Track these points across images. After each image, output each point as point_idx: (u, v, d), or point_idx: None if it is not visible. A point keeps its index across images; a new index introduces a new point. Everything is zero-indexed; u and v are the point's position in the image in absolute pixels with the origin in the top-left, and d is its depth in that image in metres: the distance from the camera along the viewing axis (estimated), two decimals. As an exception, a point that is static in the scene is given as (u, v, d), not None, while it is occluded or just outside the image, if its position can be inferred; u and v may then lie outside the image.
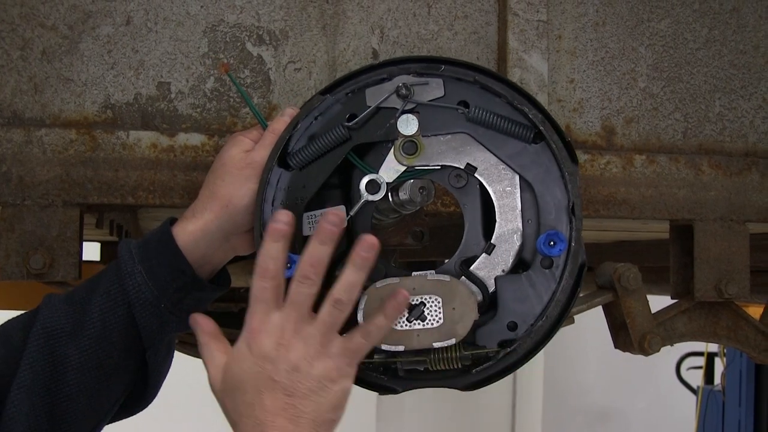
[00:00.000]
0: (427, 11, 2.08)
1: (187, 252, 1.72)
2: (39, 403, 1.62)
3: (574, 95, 2.15)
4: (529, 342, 1.72)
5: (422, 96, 1.75)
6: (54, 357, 1.64)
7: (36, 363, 1.63)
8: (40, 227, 1.88)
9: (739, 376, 6.72)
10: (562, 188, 1.74)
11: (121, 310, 1.68)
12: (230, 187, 1.74)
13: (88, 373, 1.66)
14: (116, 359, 1.69)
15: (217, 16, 1.99)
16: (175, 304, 1.72)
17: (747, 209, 2.23)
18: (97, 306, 1.68)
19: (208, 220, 1.73)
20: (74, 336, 1.66)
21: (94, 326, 1.67)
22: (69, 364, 1.65)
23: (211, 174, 1.78)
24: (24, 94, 1.91)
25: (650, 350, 2.22)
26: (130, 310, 1.68)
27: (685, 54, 2.22)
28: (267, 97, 2.01)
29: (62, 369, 1.65)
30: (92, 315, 1.67)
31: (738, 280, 2.21)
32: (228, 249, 1.80)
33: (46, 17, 1.92)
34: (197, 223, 1.73)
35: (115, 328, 1.68)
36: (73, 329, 1.66)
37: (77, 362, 1.65)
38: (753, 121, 2.26)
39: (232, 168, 1.75)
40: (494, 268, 1.75)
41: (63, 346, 1.65)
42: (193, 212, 1.75)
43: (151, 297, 1.69)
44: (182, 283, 1.72)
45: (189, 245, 1.72)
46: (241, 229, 1.77)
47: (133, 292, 1.68)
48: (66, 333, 1.66)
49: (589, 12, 2.16)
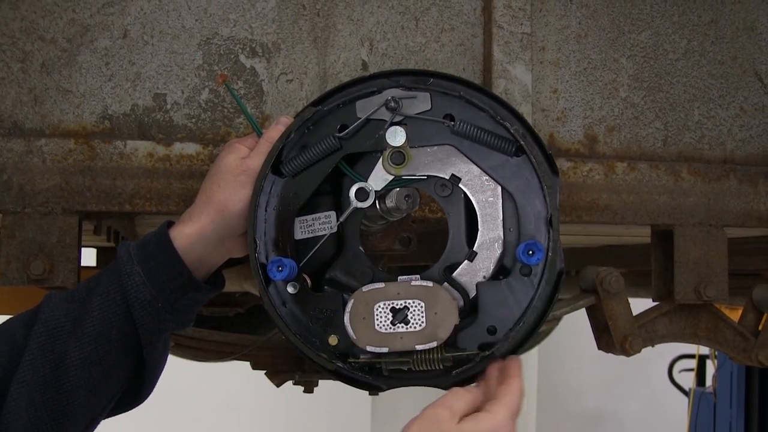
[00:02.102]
0: (414, 24, 2.13)
1: (184, 254, 1.77)
2: (39, 398, 1.66)
3: (558, 105, 2.20)
4: (508, 345, 1.77)
5: (410, 109, 1.80)
6: (54, 354, 1.68)
7: (36, 359, 1.68)
8: (40, 234, 1.93)
9: (730, 378, 6.73)
10: (541, 200, 1.78)
11: (120, 309, 1.73)
12: (226, 192, 1.79)
13: (87, 369, 1.70)
14: (115, 356, 1.74)
15: (211, 30, 2.04)
16: (171, 303, 1.77)
17: (725, 214, 2.28)
18: (97, 305, 1.72)
19: (204, 224, 1.79)
20: (74, 333, 1.70)
21: (93, 324, 1.71)
22: (69, 361, 1.69)
23: (208, 179, 1.83)
24: (24, 106, 1.97)
25: (631, 351, 2.28)
26: (128, 309, 1.73)
27: (665, 64, 2.27)
28: (260, 107, 2.06)
29: (62, 365, 1.69)
30: (92, 313, 1.72)
31: (717, 283, 2.26)
32: (223, 252, 1.85)
33: (45, 31, 1.98)
34: (194, 227, 1.78)
35: (114, 326, 1.73)
36: (73, 327, 1.71)
37: (77, 359, 1.70)
38: (731, 129, 2.32)
39: (228, 174, 1.80)
40: (476, 275, 1.80)
41: (63, 344, 1.69)
42: (190, 216, 1.80)
43: (149, 297, 1.74)
44: (179, 284, 1.77)
45: (186, 248, 1.77)
46: (235, 232, 1.82)
47: (132, 292, 1.73)
48: (66, 331, 1.70)
49: (571, 24, 2.22)
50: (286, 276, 1.77)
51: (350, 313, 1.74)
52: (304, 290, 1.80)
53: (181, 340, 3.47)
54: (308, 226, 1.83)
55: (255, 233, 1.79)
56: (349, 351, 1.78)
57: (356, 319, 1.74)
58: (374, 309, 1.74)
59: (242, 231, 1.82)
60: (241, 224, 1.81)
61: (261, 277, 1.79)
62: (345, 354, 1.79)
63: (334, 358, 1.78)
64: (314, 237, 1.83)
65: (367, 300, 1.74)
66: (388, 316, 1.74)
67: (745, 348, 2.43)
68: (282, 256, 1.80)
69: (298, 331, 1.79)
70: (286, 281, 1.79)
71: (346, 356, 1.79)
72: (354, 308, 1.74)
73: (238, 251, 1.87)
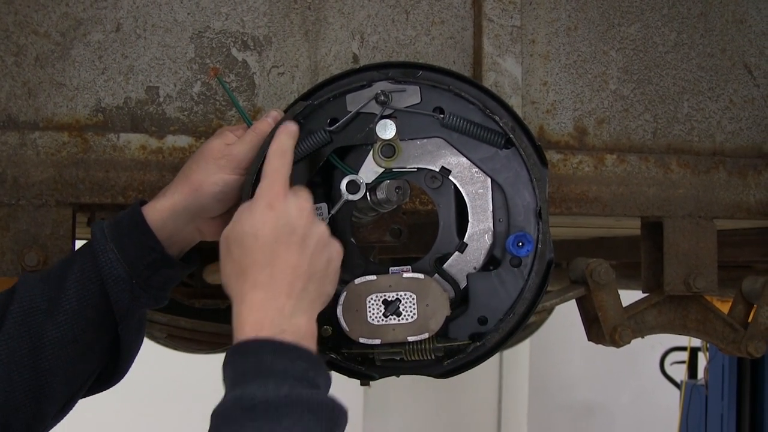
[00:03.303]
0: (405, 17, 2.15)
1: (156, 230, 1.78)
2: (17, 378, 1.67)
3: (548, 97, 2.22)
4: (498, 335, 1.79)
5: (400, 102, 1.82)
6: (31, 333, 1.69)
7: (13, 339, 1.68)
8: (34, 226, 1.94)
9: (722, 370, 6.74)
10: (530, 192, 1.80)
11: (95, 287, 1.74)
12: (203, 173, 1.80)
13: (64, 347, 1.71)
14: (91, 334, 1.75)
15: (203, 23, 2.05)
16: (145, 280, 1.78)
17: (714, 206, 2.30)
18: (72, 283, 1.73)
19: (177, 201, 1.79)
20: (50, 312, 1.71)
21: (69, 302, 1.72)
22: (46, 340, 1.70)
23: (190, 159, 1.85)
24: (18, 99, 1.98)
25: (621, 342, 2.29)
26: (103, 287, 1.74)
27: (654, 57, 2.29)
28: (252, 100, 2.07)
29: (39, 344, 1.70)
30: (68, 292, 1.73)
31: (706, 275, 2.28)
32: (194, 231, 1.86)
33: (39, 25, 1.99)
34: (166, 202, 1.80)
35: (89, 304, 1.73)
36: (49, 306, 1.72)
37: (54, 337, 1.71)
38: (720, 121, 2.34)
39: (209, 156, 1.81)
40: (466, 266, 1.82)
41: (40, 323, 1.70)
42: (164, 192, 1.82)
43: (123, 273, 1.74)
44: (152, 260, 1.78)
45: (158, 223, 1.78)
46: (207, 214, 1.83)
47: (106, 269, 1.74)
48: (42, 310, 1.71)
49: (561, 17, 2.23)
50: (279, 268, 1.78)
51: (343, 306, 1.76)
52: (296, 282, 1.82)
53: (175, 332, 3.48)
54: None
55: None
56: (342, 342, 1.80)
57: (349, 312, 1.76)
58: (366, 301, 1.76)
59: (214, 214, 1.83)
60: (214, 207, 1.82)
61: (253, 269, 1.81)
62: (338, 345, 1.81)
63: (327, 349, 1.80)
64: None
65: (359, 292, 1.76)
66: (380, 308, 1.75)
67: (735, 339, 2.44)
68: None
69: (291, 322, 1.81)
70: (279, 273, 1.81)
71: (339, 347, 1.81)
72: (346, 300, 1.76)
73: (210, 234, 1.88)
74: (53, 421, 1.78)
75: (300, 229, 1.63)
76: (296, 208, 1.65)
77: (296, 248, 1.62)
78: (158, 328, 3.46)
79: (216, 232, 1.86)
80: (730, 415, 6.70)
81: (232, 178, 1.80)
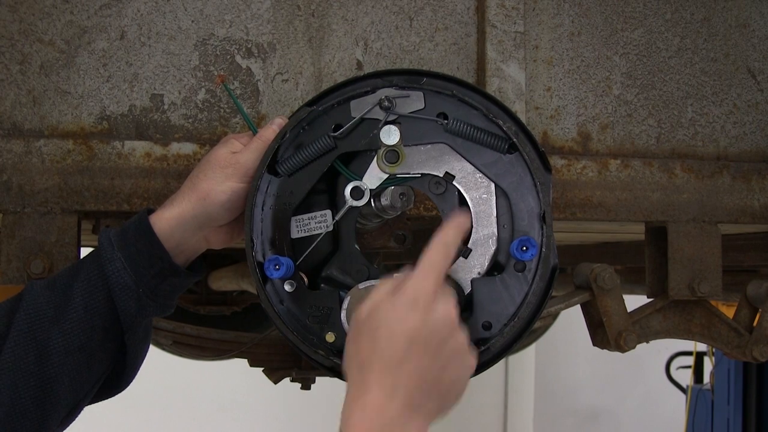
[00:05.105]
0: (409, 24, 2.15)
1: (164, 239, 1.78)
2: (23, 386, 1.68)
3: (551, 103, 2.22)
4: (503, 341, 1.78)
5: (403, 108, 1.82)
6: (37, 341, 1.70)
7: (19, 346, 1.69)
8: (39, 233, 1.95)
9: (728, 375, 6.73)
10: (534, 196, 1.80)
11: (102, 295, 1.74)
12: (211, 182, 1.80)
13: (70, 355, 1.72)
14: (97, 342, 1.75)
15: (207, 31, 2.06)
16: (152, 289, 1.78)
17: (718, 211, 2.30)
18: (79, 291, 1.74)
19: (185, 210, 1.80)
20: (57, 320, 1.72)
21: (76, 311, 1.72)
22: (52, 348, 1.70)
23: (196, 168, 1.85)
24: (23, 107, 1.98)
25: (626, 347, 2.29)
26: (109, 295, 1.74)
27: (658, 62, 2.29)
28: (256, 107, 2.08)
29: (45, 352, 1.70)
30: (74, 300, 1.73)
31: (710, 279, 2.28)
32: (201, 240, 1.86)
33: (43, 33, 1.99)
34: (173, 211, 1.80)
35: (96, 312, 1.74)
36: (55, 314, 1.72)
37: (60, 345, 1.71)
38: (724, 126, 2.34)
39: (216, 165, 1.81)
40: (470, 271, 1.81)
41: (46, 331, 1.71)
42: (171, 201, 1.82)
43: (130, 282, 1.75)
44: (159, 269, 1.78)
45: (165, 232, 1.78)
46: (214, 223, 1.83)
47: (113, 278, 1.74)
48: (48, 318, 1.72)
49: (564, 23, 2.24)
50: (283, 274, 1.78)
51: (347, 311, 1.77)
52: (300, 288, 1.82)
53: (180, 338, 3.48)
54: (304, 224, 1.85)
55: (252, 232, 1.81)
56: None
57: (353, 316, 1.76)
58: None
59: (222, 222, 1.84)
60: (222, 216, 1.82)
61: (258, 276, 1.81)
62: (342, 350, 1.81)
63: (331, 355, 1.80)
64: (310, 236, 1.85)
65: (363, 297, 1.75)
66: None
67: (740, 344, 2.44)
68: (279, 254, 1.81)
69: (296, 328, 1.81)
70: (283, 279, 1.81)
71: (343, 352, 1.81)
72: (350, 305, 1.77)
73: (217, 242, 1.89)
74: (59, 427, 1.78)
75: (439, 336, 1.50)
76: (443, 314, 1.52)
77: (430, 356, 1.49)
78: (164, 335, 3.46)
79: (223, 241, 1.88)
80: (737, 419, 6.69)
81: (240, 187, 1.81)
